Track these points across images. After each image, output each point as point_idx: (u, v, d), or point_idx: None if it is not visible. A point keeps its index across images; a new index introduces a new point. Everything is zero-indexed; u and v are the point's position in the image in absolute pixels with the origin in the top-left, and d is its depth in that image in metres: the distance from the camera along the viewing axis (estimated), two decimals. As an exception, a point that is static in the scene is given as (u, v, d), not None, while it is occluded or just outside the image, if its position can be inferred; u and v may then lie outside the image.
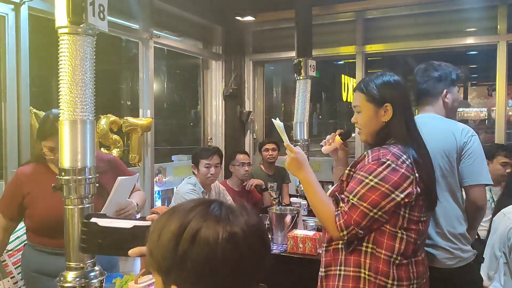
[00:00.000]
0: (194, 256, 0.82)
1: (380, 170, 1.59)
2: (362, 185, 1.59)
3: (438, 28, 4.56)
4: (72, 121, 1.44)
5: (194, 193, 3.33)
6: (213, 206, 0.88)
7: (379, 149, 1.65)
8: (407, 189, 1.58)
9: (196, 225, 0.83)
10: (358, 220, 1.57)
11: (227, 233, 0.83)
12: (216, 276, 0.83)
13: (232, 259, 0.83)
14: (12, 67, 2.78)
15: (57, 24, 1.43)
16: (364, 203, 1.57)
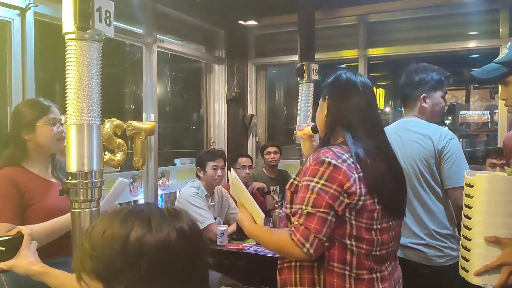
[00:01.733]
0: (148, 255, 0.84)
1: (323, 170, 1.48)
2: (311, 190, 1.47)
3: (440, 31, 4.57)
4: (79, 126, 1.46)
5: (197, 197, 3.35)
6: (151, 208, 0.92)
7: (319, 150, 1.56)
8: (350, 188, 1.47)
9: (142, 227, 0.86)
10: (317, 227, 1.43)
11: (176, 230, 0.88)
12: (171, 272, 0.86)
13: (185, 252, 0.88)
14: (18, 72, 2.80)
15: (64, 30, 1.45)
16: (319, 208, 1.44)
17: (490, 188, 1.47)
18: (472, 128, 11.17)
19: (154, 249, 0.84)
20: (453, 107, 15.03)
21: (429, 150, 2.10)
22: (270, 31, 5.17)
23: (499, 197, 1.46)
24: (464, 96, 13.39)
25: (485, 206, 1.47)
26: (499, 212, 1.46)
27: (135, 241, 0.84)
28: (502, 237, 1.43)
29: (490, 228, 1.46)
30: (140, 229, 0.86)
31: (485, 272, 1.44)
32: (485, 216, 1.47)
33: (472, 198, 1.50)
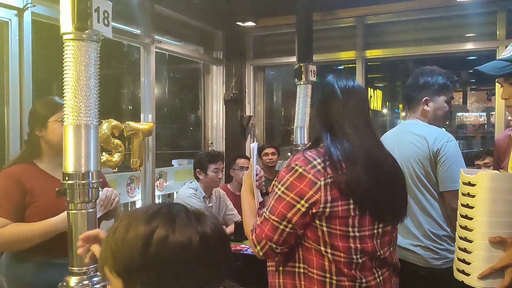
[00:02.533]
0: (167, 258, 0.83)
1: (287, 177, 1.46)
2: (273, 196, 1.48)
3: (437, 33, 4.58)
4: (76, 126, 1.45)
5: (195, 198, 3.34)
6: (178, 209, 0.90)
7: (295, 154, 1.54)
8: (313, 196, 1.41)
9: (166, 227, 0.85)
10: (269, 234, 1.45)
11: (199, 235, 0.86)
12: (188, 276, 0.85)
13: (204, 259, 0.86)
14: (15, 72, 2.80)
15: (62, 30, 1.44)
16: (273, 215, 1.45)
17: (493, 187, 1.41)
18: (469, 130, 11.19)
19: (174, 251, 0.84)
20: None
21: (424, 152, 2.10)
22: (268, 32, 5.17)
23: (502, 195, 1.41)
24: (461, 98, 13.42)
25: (489, 206, 1.41)
26: (503, 211, 1.41)
27: (156, 241, 0.84)
28: (507, 237, 1.37)
29: (494, 228, 1.40)
30: (163, 230, 0.85)
31: (489, 274, 1.39)
32: (489, 216, 1.41)
33: (474, 197, 1.44)
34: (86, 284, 1.45)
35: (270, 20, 4.92)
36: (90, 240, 1.29)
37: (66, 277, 1.47)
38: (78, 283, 1.45)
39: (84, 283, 1.45)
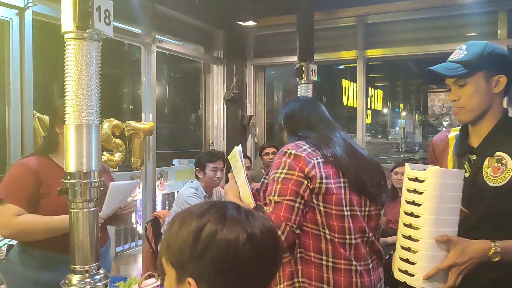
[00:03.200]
0: (213, 253, 0.86)
1: (284, 160, 1.59)
2: (276, 181, 1.56)
3: (438, 33, 4.58)
4: (77, 125, 1.45)
5: (196, 197, 3.34)
6: (230, 207, 0.94)
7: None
8: (310, 172, 1.55)
9: (216, 223, 0.89)
10: (286, 215, 1.51)
11: (247, 234, 0.88)
12: (233, 274, 0.87)
13: (250, 258, 0.87)
14: (16, 71, 2.80)
15: (64, 29, 1.44)
16: (285, 196, 1.53)
17: (442, 183, 1.35)
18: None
19: (221, 247, 0.87)
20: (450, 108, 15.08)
21: None
22: (269, 32, 5.17)
23: (450, 192, 1.36)
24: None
25: (437, 203, 1.34)
26: (449, 209, 1.36)
27: (205, 236, 0.87)
28: (452, 236, 1.34)
29: (440, 226, 1.34)
30: (213, 226, 0.88)
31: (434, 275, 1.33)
32: (436, 214, 1.34)
33: (422, 194, 1.36)
34: (88, 282, 1.45)
35: (271, 19, 4.92)
36: None
37: (68, 275, 1.47)
38: (80, 281, 1.45)
39: (86, 281, 1.45)
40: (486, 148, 1.52)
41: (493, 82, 1.51)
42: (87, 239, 1.47)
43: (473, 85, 1.51)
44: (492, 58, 1.51)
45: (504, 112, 1.55)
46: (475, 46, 1.54)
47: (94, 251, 1.49)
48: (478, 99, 1.52)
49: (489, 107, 1.52)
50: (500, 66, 1.51)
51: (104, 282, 1.49)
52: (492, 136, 1.53)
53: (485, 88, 1.51)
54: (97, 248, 1.50)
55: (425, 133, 15.39)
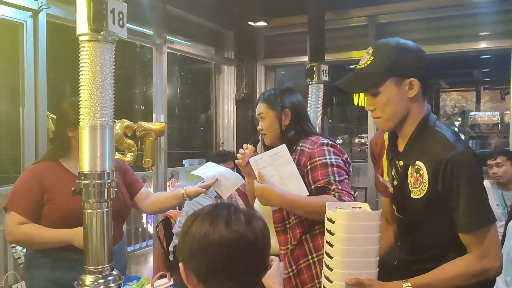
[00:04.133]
0: (189, 239, 1.07)
1: (328, 149, 1.89)
2: (330, 165, 1.84)
3: (451, 32, 4.54)
4: (91, 126, 1.46)
5: (207, 197, 3.34)
6: (221, 207, 1.12)
7: (304, 141, 1.94)
8: (347, 158, 1.94)
9: (194, 218, 1.10)
10: (349, 191, 1.83)
11: (212, 228, 1.05)
12: (202, 258, 1.05)
13: (213, 249, 1.03)
14: (30, 73, 2.83)
15: (78, 31, 1.46)
16: (343, 175, 1.84)
17: (350, 225, 1.32)
18: (482, 130, 11.07)
19: (193, 236, 1.06)
20: (462, 108, 14.91)
21: None
22: (280, 32, 5.16)
23: (359, 234, 1.32)
24: (474, 97, 13.28)
25: (346, 245, 1.32)
26: (360, 251, 1.32)
27: (186, 226, 1.09)
28: (364, 278, 1.31)
29: (351, 268, 1.32)
30: (220, 225, 1.05)
31: None
32: (345, 256, 1.32)
33: (333, 235, 1.34)
34: (102, 283, 1.47)
35: (282, 19, 4.91)
36: None
37: (82, 275, 1.48)
38: (94, 281, 1.46)
39: (100, 281, 1.47)
40: (408, 155, 1.46)
41: (405, 86, 1.43)
42: (101, 240, 1.48)
43: (385, 93, 1.44)
44: (400, 63, 1.43)
45: (424, 115, 1.47)
46: (381, 50, 1.47)
47: (108, 251, 1.50)
48: (392, 107, 1.44)
49: (408, 111, 1.45)
50: (410, 69, 1.43)
51: (118, 283, 1.50)
52: (412, 142, 1.46)
53: (398, 95, 1.43)
54: (110, 248, 1.51)
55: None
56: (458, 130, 14.54)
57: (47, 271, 1.94)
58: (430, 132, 1.43)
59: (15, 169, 3.03)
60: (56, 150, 2.05)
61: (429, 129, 1.44)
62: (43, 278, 1.94)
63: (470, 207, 1.33)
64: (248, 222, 1.07)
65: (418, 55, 1.46)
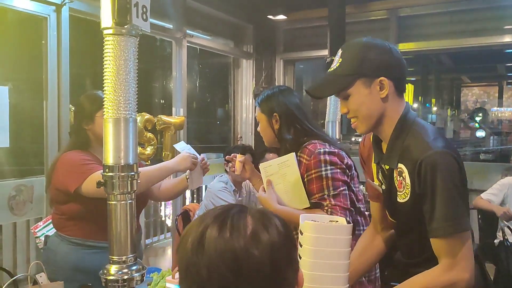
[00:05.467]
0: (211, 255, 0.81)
1: (324, 159, 1.77)
2: (325, 178, 1.76)
3: (474, 25, 4.45)
4: (115, 119, 1.48)
5: (226, 191, 3.37)
6: (233, 210, 0.87)
7: (302, 150, 1.83)
8: (348, 162, 1.83)
9: (216, 228, 0.83)
10: (346, 203, 1.75)
11: (203, 230, 0.83)
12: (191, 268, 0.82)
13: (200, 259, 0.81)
14: (53, 67, 2.87)
15: (103, 25, 1.47)
16: (338, 188, 1.75)
17: (316, 238, 1.26)
18: (504, 126, 10.85)
19: (186, 242, 0.84)
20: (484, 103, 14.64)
21: None
22: (299, 26, 5.14)
23: (324, 247, 1.25)
24: (496, 93, 13.02)
25: (312, 258, 1.26)
26: (329, 266, 1.26)
27: (207, 240, 0.82)
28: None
29: (317, 282, 1.25)
30: (214, 230, 0.83)
31: None
32: (312, 269, 1.25)
33: (302, 247, 1.28)
34: (126, 273, 1.48)
35: (302, 13, 4.88)
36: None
37: (107, 265, 1.51)
38: (118, 271, 1.49)
39: (124, 271, 1.49)
40: (390, 158, 1.39)
41: (376, 86, 1.37)
42: (125, 231, 1.50)
43: (355, 95, 1.39)
44: (368, 63, 1.36)
45: (401, 114, 1.39)
46: (349, 51, 1.42)
47: (131, 242, 1.52)
48: (365, 109, 1.39)
49: (382, 112, 1.38)
50: (378, 69, 1.36)
51: (141, 272, 1.52)
52: (392, 144, 1.39)
53: (370, 96, 1.37)
54: (134, 239, 1.53)
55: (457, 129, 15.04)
56: (479, 126, 14.28)
57: (72, 259, 1.97)
58: (408, 131, 1.36)
59: (38, 161, 3.09)
60: (75, 143, 2.07)
61: (407, 129, 1.37)
62: (67, 266, 1.97)
63: (441, 211, 1.25)
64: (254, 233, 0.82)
65: (387, 53, 1.38)
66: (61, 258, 2.00)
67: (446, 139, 1.36)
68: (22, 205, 2.80)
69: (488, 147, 12.04)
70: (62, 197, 1.95)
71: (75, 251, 1.98)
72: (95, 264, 1.67)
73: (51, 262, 2.04)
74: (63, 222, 2.02)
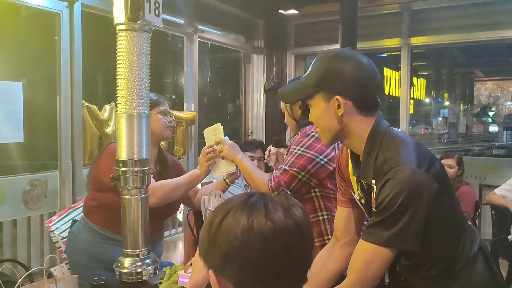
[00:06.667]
0: (219, 240, 0.84)
1: (305, 141, 1.90)
2: (292, 155, 1.89)
3: (488, 19, 4.39)
4: (129, 115, 1.49)
5: (237, 186, 3.37)
6: (254, 198, 0.89)
7: (305, 127, 1.96)
8: (330, 154, 1.88)
9: (224, 211, 0.87)
10: (287, 181, 1.86)
11: (251, 220, 0.84)
12: (241, 261, 0.83)
13: (254, 246, 0.82)
14: (66, 62, 2.89)
15: (116, 21, 1.48)
16: (293, 167, 1.86)
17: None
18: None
19: (224, 234, 0.84)
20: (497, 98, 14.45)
21: None
22: (311, 20, 5.11)
23: None
24: (510, 87, 12.84)
25: None
26: None
27: (215, 224, 0.86)
28: None
29: None
30: (222, 213, 0.86)
31: None
32: None
33: None
34: (139, 266, 1.51)
35: (313, 8, 4.85)
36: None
37: (121, 258, 1.53)
38: (132, 264, 1.51)
39: (137, 264, 1.51)
40: (365, 174, 1.36)
41: (334, 103, 1.33)
42: (138, 225, 1.52)
43: (315, 107, 1.39)
44: (330, 78, 1.33)
45: (370, 131, 1.34)
46: (319, 61, 1.39)
47: (145, 235, 1.54)
48: (322, 123, 1.38)
49: (341, 129, 1.35)
50: (336, 86, 1.33)
51: (154, 265, 1.54)
52: (365, 160, 1.35)
53: (327, 111, 1.35)
54: (147, 233, 1.55)
55: (470, 124, 14.89)
56: (492, 120, 14.10)
57: (91, 247, 2.01)
58: (379, 146, 1.32)
59: (51, 156, 3.12)
60: None
61: (378, 144, 1.33)
62: (85, 253, 2.01)
63: (381, 219, 1.23)
64: (287, 211, 0.87)
65: (353, 70, 1.33)
66: (80, 243, 2.05)
67: (420, 151, 1.31)
68: (36, 200, 2.84)
69: (501, 142, 11.89)
70: (100, 185, 1.98)
71: (93, 238, 2.02)
72: (109, 256, 1.70)
73: (72, 245, 2.09)
74: (92, 208, 2.06)
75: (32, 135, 3.31)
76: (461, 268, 1.35)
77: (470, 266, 1.36)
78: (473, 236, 1.40)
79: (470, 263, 1.36)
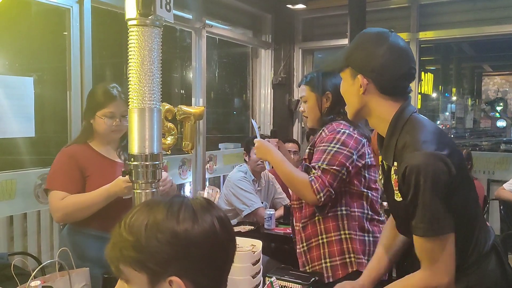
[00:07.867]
0: (195, 246, 0.86)
1: (338, 137, 1.87)
2: (327, 153, 1.85)
3: (496, 13, 4.35)
4: (140, 109, 1.50)
5: (245, 181, 3.39)
6: (187, 199, 0.93)
7: (331, 123, 1.95)
8: (360, 150, 1.89)
9: (189, 218, 0.88)
10: (331, 181, 1.82)
11: (217, 219, 0.91)
12: (214, 260, 0.90)
13: (223, 242, 0.91)
14: (76, 58, 2.91)
15: (127, 16, 1.49)
16: (333, 166, 1.82)
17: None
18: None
19: (202, 238, 0.87)
20: (506, 92, 14.31)
21: None
22: (319, 15, 5.09)
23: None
24: (518, 81, 12.72)
25: None
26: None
27: (183, 232, 0.86)
28: None
29: None
30: (187, 220, 0.87)
31: None
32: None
33: None
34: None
35: (321, 2, 4.84)
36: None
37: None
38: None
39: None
40: (386, 155, 1.39)
41: (357, 81, 1.41)
42: (150, 219, 1.54)
43: (344, 81, 1.49)
44: (356, 55, 1.41)
45: (395, 114, 1.37)
46: (357, 37, 1.44)
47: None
48: (346, 97, 1.49)
49: (362, 107, 1.43)
50: (361, 66, 1.40)
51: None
52: (387, 143, 1.38)
53: (352, 87, 1.44)
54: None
55: (477, 119, 14.78)
56: (499, 115, 13.98)
57: (80, 249, 2.01)
58: (401, 130, 1.35)
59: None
60: (83, 134, 2.17)
61: (400, 127, 1.35)
62: (76, 256, 1.95)
63: (421, 211, 1.24)
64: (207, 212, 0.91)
65: (382, 54, 1.35)
66: (70, 246, 1.99)
67: (442, 137, 1.33)
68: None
69: (510, 138, 11.80)
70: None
71: (80, 239, 2.04)
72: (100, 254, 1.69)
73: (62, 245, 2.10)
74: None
75: (43, 129, 3.35)
76: (472, 264, 1.35)
77: (481, 262, 1.36)
78: (487, 233, 1.40)
79: (481, 259, 1.36)
